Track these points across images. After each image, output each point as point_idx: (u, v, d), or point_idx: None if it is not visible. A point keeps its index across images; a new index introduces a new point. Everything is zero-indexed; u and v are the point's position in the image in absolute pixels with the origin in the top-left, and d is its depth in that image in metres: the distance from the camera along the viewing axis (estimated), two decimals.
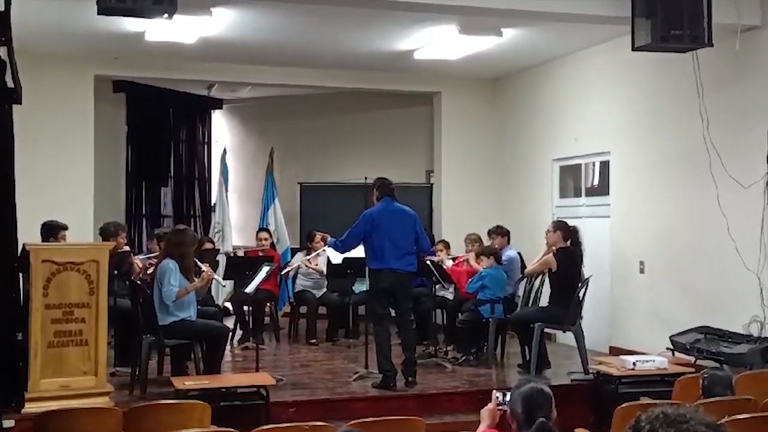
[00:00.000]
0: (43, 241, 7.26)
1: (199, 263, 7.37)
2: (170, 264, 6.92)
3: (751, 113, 7.44)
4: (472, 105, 11.41)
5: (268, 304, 9.78)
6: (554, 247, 7.87)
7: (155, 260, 7.54)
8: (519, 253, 9.12)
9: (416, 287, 8.38)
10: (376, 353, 7.22)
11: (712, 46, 6.96)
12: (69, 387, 6.01)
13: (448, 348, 8.82)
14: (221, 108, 13.37)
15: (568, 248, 7.83)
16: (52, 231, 7.38)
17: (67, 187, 9.65)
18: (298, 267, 9.96)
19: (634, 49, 7.05)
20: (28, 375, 5.93)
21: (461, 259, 9.07)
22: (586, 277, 7.96)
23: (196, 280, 7.08)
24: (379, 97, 11.93)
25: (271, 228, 10.84)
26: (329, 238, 7.80)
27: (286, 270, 9.93)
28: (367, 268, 7.52)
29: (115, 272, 7.30)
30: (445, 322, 9.48)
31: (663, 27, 6.76)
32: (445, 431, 6.23)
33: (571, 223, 8.20)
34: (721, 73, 7.67)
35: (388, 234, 7.21)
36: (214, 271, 7.80)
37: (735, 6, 7.22)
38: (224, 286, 8.45)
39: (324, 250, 9.67)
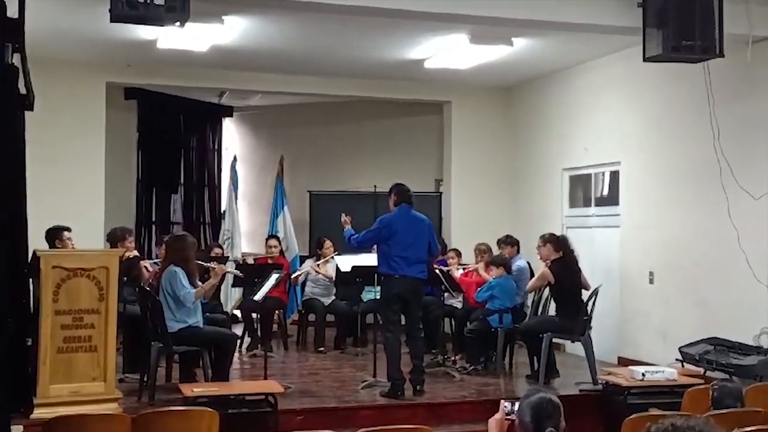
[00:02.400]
0: (49, 246, 7.30)
1: (205, 264, 7.40)
2: (176, 269, 6.94)
3: (762, 124, 7.42)
4: (483, 114, 11.41)
5: (277, 312, 9.78)
6: (548, 261, 7.86)
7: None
8: (528, 263, 9.11)
9: (425, 295, 8.38)
10: (386, 361, 7.21)
11: (724, 56, 6.94)
12: (78, 393, 6.02)
13: (457, 357, 8.81)
14: (232, 115, 13.41)
15: (561, 258, 7.83)
16: (55, 234, 7.45)
17: (78, 193, 9.69)
18: (308, 273, 9.97)
19: (645, 59, 7.05)
20: (38, 381, 5.94)
21: (470, 269, 9.06)
22: (593, 285, 7.95)
23: (200, 284, 7.11)
24: (389, 105, 11.95)
25: (281, 235, 10.85)
26: (347, 228, 7.68)
27: (295, 275, 9.95)
28: (376, 276, 7.52)
29: (125, 278, 7.32)
30: (453, 331, 9.46)
31: (674, 37, 6.75)
32: None
33: (579, 233, 8.20)
34: (733, 84, 7.66)
35: (404, 241, 7.21)
36: (222, 281, 7.84)
37: (747, 16, 7.20)
38: (240, 275, 8.49)
39: (333, 258, 9.69)
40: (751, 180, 7.40)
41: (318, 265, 9.91)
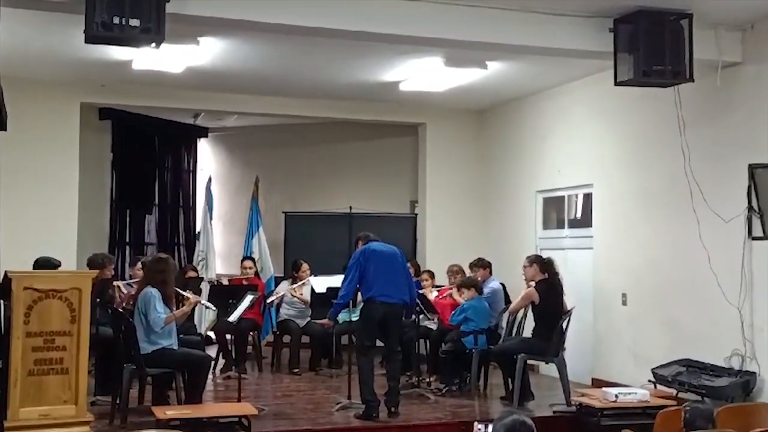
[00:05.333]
0: None
1: (181, 291, 7.36)
2: (153, 291, 6.90)
3: (731, 148, 7.52)
4: (457, 136, 11.48)
5: (251, 333, 9.74)
6: (533, 281, 7.90)
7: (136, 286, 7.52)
8: (502, 284, 9.14)
9: None
10: (359, 383, 7.20)
11: (693, 81, 7.07)
12: (49, 416, 5.94)
13: (431, 378, 8.81)
14: (207, 136, 13.39)
15: (547, 280, 7.86)
16: (45, 269, 7.32)
17: (51, 213, 9.60)
18: (283, 296, 9.94)
19: (616, 83, 7.15)
20: (8, 404, 5.87)
21: (445, 292, 9.07)
22: (568, 307, 7.99)
23: (176, 309, 7.06)
24: (364, 127, 11.99)
25: (256, 256, 10.82)
26: (330, 312, 7.68)
27: (271, 299, 9.91)
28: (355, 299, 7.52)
29: (98, 300, 7.26)
30: (428, 352, 9.46)
31: (645, 62, 6.86)
32: None
33: (554, 255, 8.25)
34: (702, 108, 7.77)
35: (382, 266, 7.25)
36: (195, 306, 7.78)
37: (716, 42, 7.33)
38: (214, 309, 8.41)
39: (309, 280, 9.67)
40: (721, 203, 7.49)
41: (294, 289, 9.88)
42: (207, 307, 8.53)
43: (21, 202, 9.21)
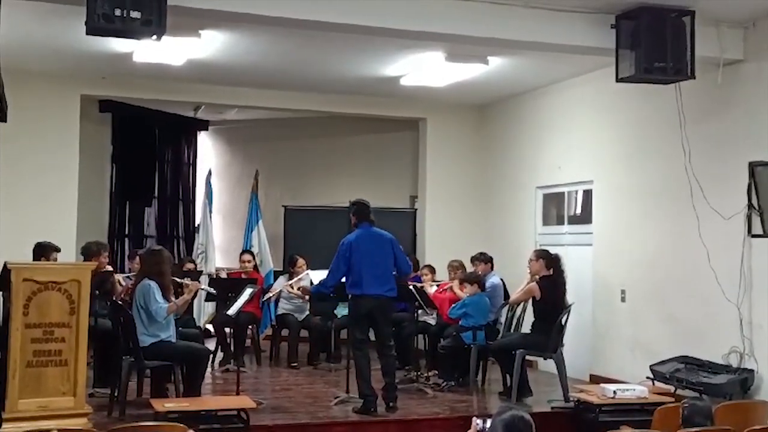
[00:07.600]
0: (34, 259, 7.22)
1: (178, 280, 7.37)
2: (150, 283, 6.90)
3: (732, 145, 7.52)
4: (457, 131, 11.47)
5: (250, 327, 9.75)
6: (537, 276, 7.89)
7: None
8: (502, 280, 9.15)
9: (399, 311, 8.38)
10: (356, 377, 7.21)
11: (695, 78, 7.07)
12: (47, 407, 5.94)
13: (430, 373, 8.82)
14: (207, 129, 13.37)
15: (551, 276, 7.85)
16: (43, 251, 7.39)
17: (51, 205, 9.60)
18: (281, 292, 9.94)
19: (618, 79, 7.15)
20: (6, 395, 5.87)
21: (445, 287, 9.07)
22: (568, 304, 7.99)
23: (174, 299, 7.06)
24: (364, 121, 11.99)
25: (255, 250, 10.83)
26: (311, 287, 7.67)
27: (268, 296, 9.91)
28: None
29: (96, 292, 7.26)
30: (426, 347, 9.47)
31: (646, 59, 6.86)
32: None
33: (553, 250, 8.25)
34: (703, 105, 7.77)
35: (367, 259, 7.21)
36: (195, 296, 7.79)
37: (718, 39, 7.32)
38: (214, 292, 8.42)
39: (307, 274, 9.68)
40: (721, 200, 7.50)
41: (291, 284, 9.88)
42: (208, 293, 8.56)
43: (21, 194, 9.20)
